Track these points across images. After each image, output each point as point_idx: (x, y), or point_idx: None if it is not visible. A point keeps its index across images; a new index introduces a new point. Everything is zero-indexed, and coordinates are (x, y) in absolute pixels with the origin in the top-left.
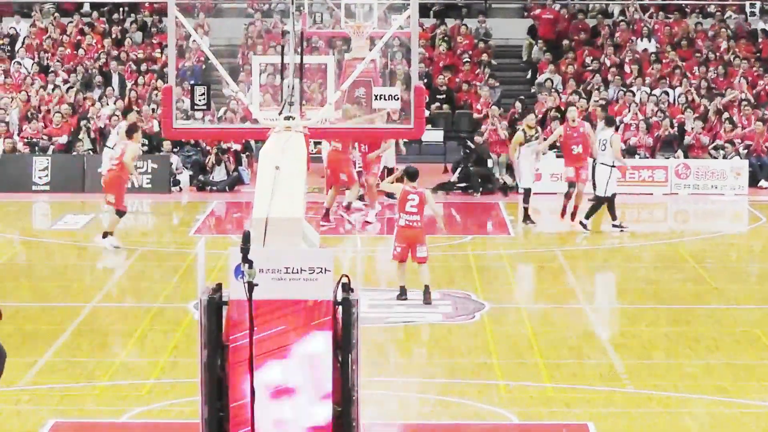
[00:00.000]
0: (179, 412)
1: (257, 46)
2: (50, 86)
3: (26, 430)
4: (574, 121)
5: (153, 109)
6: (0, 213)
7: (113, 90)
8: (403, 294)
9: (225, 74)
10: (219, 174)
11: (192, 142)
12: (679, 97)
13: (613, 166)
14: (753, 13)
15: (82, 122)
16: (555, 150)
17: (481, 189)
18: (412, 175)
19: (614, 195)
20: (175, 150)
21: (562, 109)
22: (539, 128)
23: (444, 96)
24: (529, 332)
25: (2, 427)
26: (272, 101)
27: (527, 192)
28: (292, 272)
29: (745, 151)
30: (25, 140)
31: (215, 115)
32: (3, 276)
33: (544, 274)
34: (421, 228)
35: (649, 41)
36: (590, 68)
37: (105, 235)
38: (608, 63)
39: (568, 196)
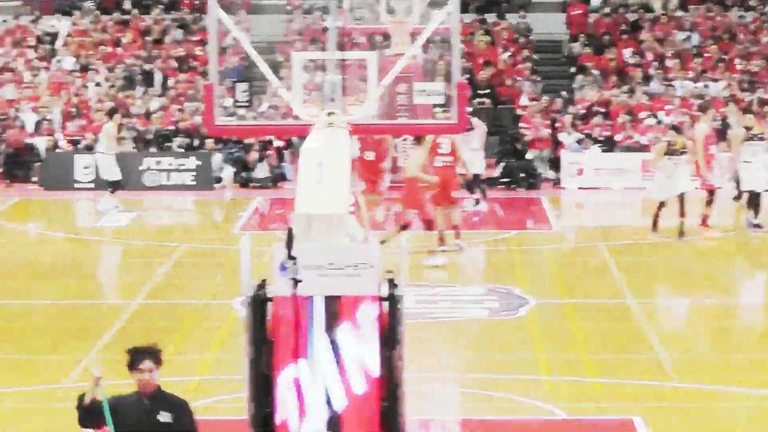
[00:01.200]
0: (226, 408)
1: (298, 43)
2: (91, 84)
3: (74, 427)
4: (713, 118)
5: (197, 109)
6: (44, 211)
7: (155, 88)
8: None
9: (267, 71)
10: (262, 170)
11: (234, 139)
12: (723, 90)
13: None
14: None
15: (124, 120)
16: (599, 144)
17: (524, 184)
18: None
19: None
20: (217, 147)
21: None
22: (688, 143)
23: (486, 91)
24: (574, 327)
25: (48, 424)
26: (314, 97)
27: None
28: (337, 268)
29: None
30: (68, 138)
31: (257, 112)
32: (49, 274)
33: (588, 269)
34: None
35: (691, 35)
36: (632, 62)
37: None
38: (650, 57)
39: (710, 203)
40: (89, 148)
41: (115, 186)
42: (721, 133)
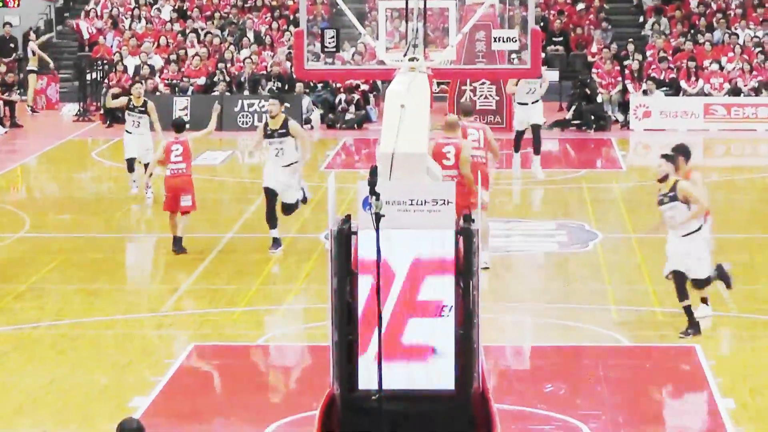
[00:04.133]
0: (311, 335)
1: None
2: (188, 31)
3: (168, 353)
4: None
5: (288, 54)
6: None
7: (249, 39)
8: (176, 244)
9: (354, 19)
10: (348, 112)
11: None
12: None
13: None
14: None
15: (219, 65)
16: (665, 89)
17: (594, 126)
18: (179, 126)
19: None
20: (306, 91)
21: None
22: None
23: (560, 38)
24: (640, 260)
25: (146, 349)
26: (397, 44)
27: None
28: (417, 204)
29: None
30: (166, 82)
31: (344, 58)
32: (146, 209)
33: (653, 206)
34: (189, 175)
35: None
36: (697, 12)
37: None
38: (714, 7)
39: None
40: (184, 91)
41: (129, 164)
42: None
